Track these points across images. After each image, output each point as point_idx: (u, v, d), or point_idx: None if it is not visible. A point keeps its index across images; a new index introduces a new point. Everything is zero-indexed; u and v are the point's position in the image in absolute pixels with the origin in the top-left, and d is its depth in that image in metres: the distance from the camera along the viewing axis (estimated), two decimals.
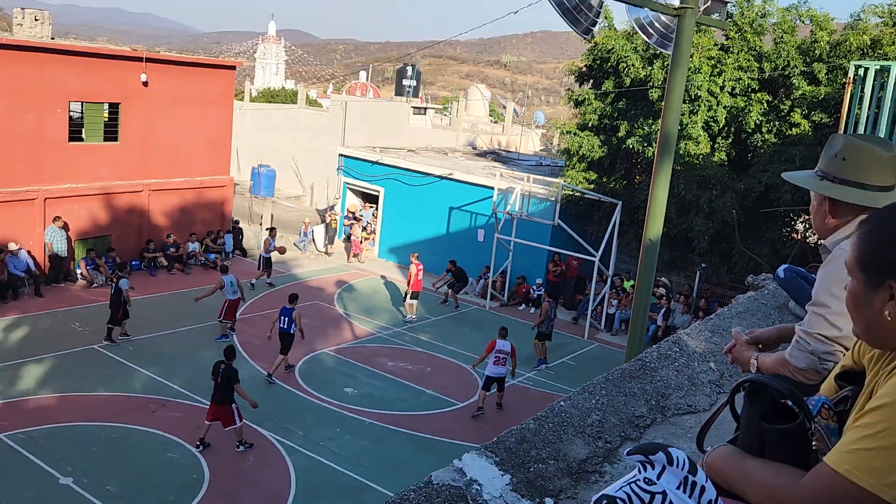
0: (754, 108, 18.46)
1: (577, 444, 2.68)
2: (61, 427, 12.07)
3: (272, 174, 26.19)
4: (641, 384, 3.15)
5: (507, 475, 2.44)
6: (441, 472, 2.43)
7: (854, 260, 1.44)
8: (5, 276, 17.85)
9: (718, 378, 3.29)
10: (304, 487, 11.19)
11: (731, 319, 3.95)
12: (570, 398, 2.96)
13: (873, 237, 1.41)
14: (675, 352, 3.46)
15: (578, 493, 2.45)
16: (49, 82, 19.15)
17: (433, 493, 2.33)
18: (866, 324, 1.44)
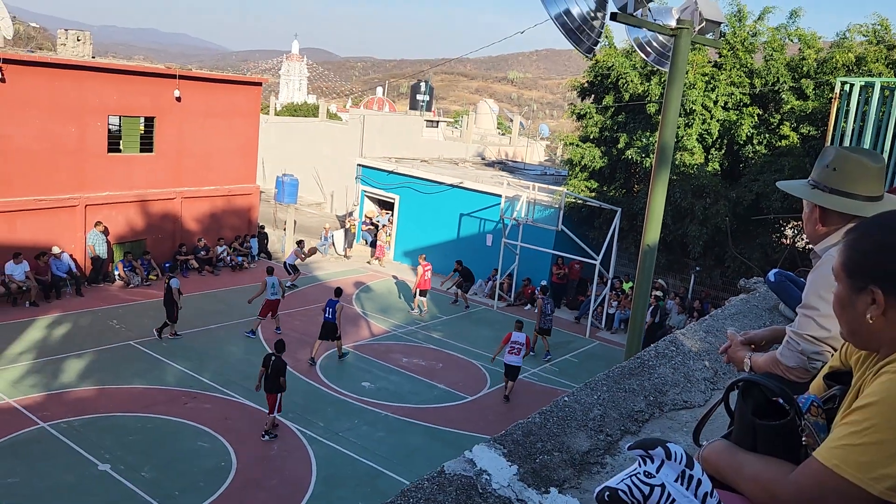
0: (746, 122, 18.37)
1: (580, 437, 2.67)
2: (100, 417, 12.14)
3: (295, 182, 26.28)
4: (640, 381, 3.14)
5: (515, 466, 2.43)
6: (453, 462, 2.43)
7: (840, 266, 1.44)
8: (49, 277, 17.99)
9: (713, 375, 3.27)
10: (324, 475, 11.19)
11: (724, 320, 3.92)
12: (573, 394, 2.95)
13: (858, 245, 1.40)
14: (672, 351, 3.44)
15: (581, 483, 2.44)
16: (90, 98, 19.30)
17: (445, 482, 2.33)
18: (851, 326, 1.43)
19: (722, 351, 2.45)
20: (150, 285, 19.98)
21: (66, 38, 22.34)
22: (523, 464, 2.45)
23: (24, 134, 18.07)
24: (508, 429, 2.67)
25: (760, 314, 4.10)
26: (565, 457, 2.54)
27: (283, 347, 12.41)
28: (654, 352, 3.41)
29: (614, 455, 2.62)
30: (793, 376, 2.04)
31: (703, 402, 3.07)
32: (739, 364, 2.34)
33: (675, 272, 21.06)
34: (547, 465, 2.48)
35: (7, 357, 14.33)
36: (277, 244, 25.81)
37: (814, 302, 1.99)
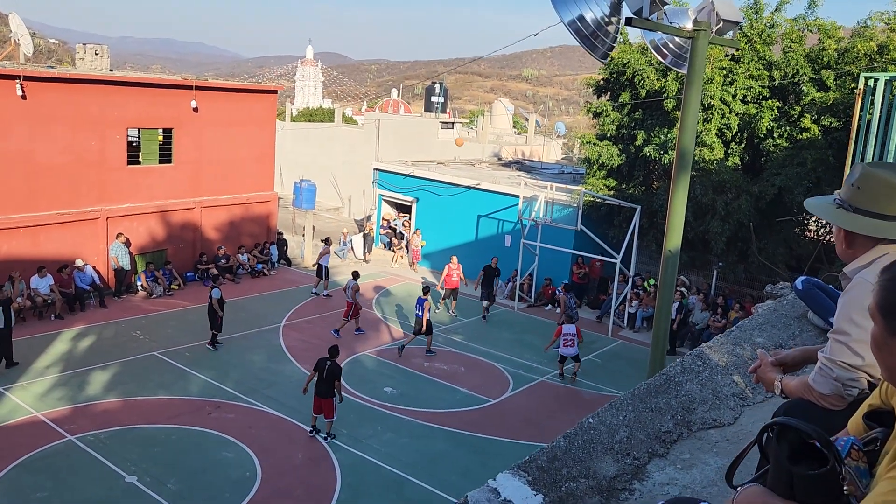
0: (765, 115, 18.12)
1: (606, 462, 2.61)
2: (126, 429, 12.24)
3: (313, 188, 26.38)
4: (667, 398, 3.06)
5: (540, 494, 2.38)
6: (476, 492, 2.38)
7: (875, 306, 1.36)
8: (73, 290, 18.19)
9: (742, 391, 3.19)
10: (349, 482, 11.18)
11: (751, 331, 3.83)
12: (597, 415, 2.89)
13: (893, 285, 1.33)
14: (699, 365, 3.36)
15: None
16: (109, 111, 19.50)
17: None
18: (890, 368, 1.36)
19: (752, 370, 2.37)
20: (172, 295, 20.14)
21: (85, 52, 22.60)
22: (549, 492, 2.40)
23: (47, 149, 18.30)
24: (532, 454, 2.61)
25: (789, 323, 4.00)
26: (592, 483, 2.48)
27: (337, 352, 12.55)
28: (681, 367, 3.33)
29: (643, 480, 2.55)
30: (827, 404, 1.97)
31: (732, 419, 3.00)
32: (769, 386, 2.27)
33: (697, 269, 20.82)
34: (573, 492, 2.42)
35: (34, 370, 14.51)
36: (297, 250, 25.91)
37: (846, 327, 1.92)
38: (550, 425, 13.62)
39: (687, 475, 2.61)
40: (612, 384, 16.05)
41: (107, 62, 22.95)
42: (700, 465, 2.68)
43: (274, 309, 19.52)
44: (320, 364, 12.32)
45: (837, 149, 16.89)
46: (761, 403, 3.15)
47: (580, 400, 15.18)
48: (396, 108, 58.98)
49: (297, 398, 13.98)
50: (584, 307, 21.92)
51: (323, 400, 12.27)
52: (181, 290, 20.66)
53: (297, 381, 14.86)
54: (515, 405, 14.62)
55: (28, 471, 10.78)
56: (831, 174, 16.79)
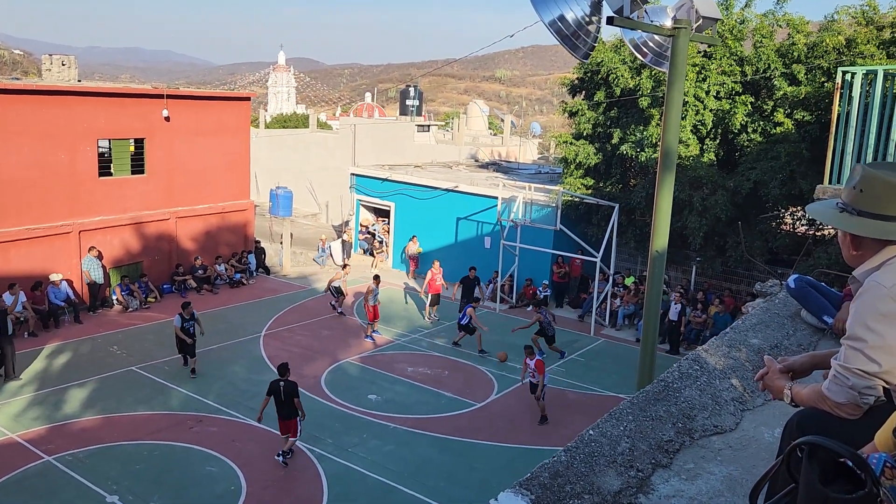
0: (739, 110, 18.26)
1: (609, 476, 2.52)
2: (106, 447, 11.97)
3: (289, 195, 26.10)
4: (666, 406, 2.99)
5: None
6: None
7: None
8: (47, 306, 17.80)
9: (741, 395, 3.12)
10: (335, 492, 11.04)
11: (746, 332, 3.78)
12: (597, 426, 2.80)
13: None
14: (696, 370, 3.29)
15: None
16: (78, 122, 19.12)
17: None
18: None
19: (758, 378, 2.30)
20: (148, 308, 19.80)
21: (51, 63, 22.18)
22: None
23: (14, 163, 17.89)
24: (534, 471, 2.52)
25: (783, 323, 3.96)
26: (596, 499, 2.39)
27: (287, 370, 11.83)
28: (678, 372, 3.26)
29: (647, 493, 2.47)
30: (843, 413, 1.90)
31: (734, 425, 2.93)
32: (777, 394, 2.20)
33: (676, 264, 20.92)
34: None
35: (8, 390, 14.15)
36: (275, 258, 25.64)
37: (861, 333, 1.85)
38: (536, 427, 13.57)
39: (692, 486, 2.54)
40: (596, 383, 16.05)
41: (75, 73, 22.54)
42: (705, 475, 2.60)
43: (254, 318, 19.27)
44: (274, 386, 11.53)
45: (811, 142, 17.07)
46: (761, 407, 3.09)
47: (565, 400, 15.14)
48: (371, 112, 58.77)
49: None
50: (565, 306, 21.94)
51: (288, 422, 11.61)
52: (158, 303, 20.32)
53: None
54: (501, 408, 14.55)
55: (5, 494, 10.48)
56: (805, 167, 16.96)
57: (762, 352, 3.56)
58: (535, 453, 12.65)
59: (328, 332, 18.61)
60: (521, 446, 12.87)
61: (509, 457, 12.58)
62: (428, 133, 37.22)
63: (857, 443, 1.61)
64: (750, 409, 3.06)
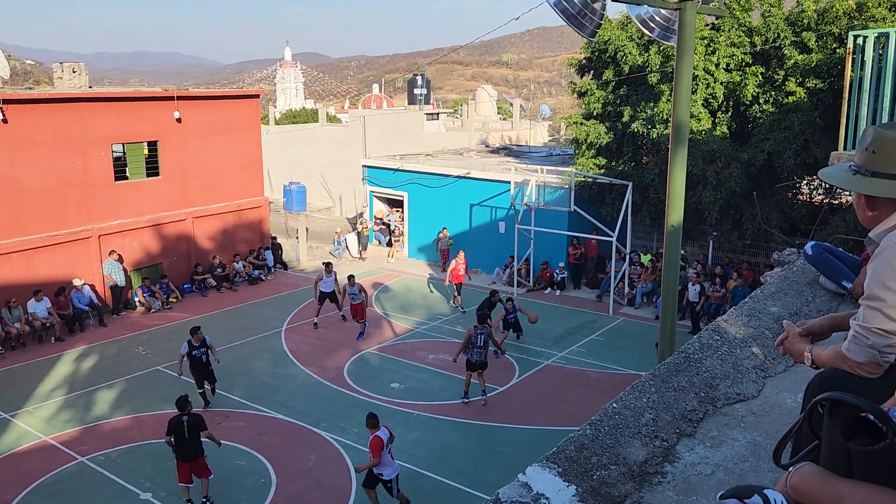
0: (750, 82, 18.06)
1: (635, 446, 2.56)
2: (136, 446, 12.18)
3: (303, 190, 26.22)
4: (688, 377, 3.01)
5: (573, 486, 2.32)
6: (507, 488, 2.32)
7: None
8: (71, 311, 18.06)
9: (762, 363, 3.14)
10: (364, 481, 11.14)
11: (765, 301, 3.78)
12: (621, 399, 2.83)
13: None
14: (717, 340, 3.31)
15: (643, 496, 2.32)
16: (92, 128, 19.31)
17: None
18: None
19: (778, 343, 2.32)
20: (170, 308, 20.03)
21: (62, 71, 22.35)
22: (581, 482, 2.34)
23: (32, 172, 18.11)
24: (560, 445, 2.56)
25: (801, 290, 3.95)
26: (623, 469, 2.43)
27: (185, 403, 10.20)
28: (699, 343, 3.28)
29: (673, 462, 2.50)
30: (863, 372, 1.91)
31: (756, 392, 2.95)
32: (798, 357, 2.22)
33: (692, 240, 20.80)
34: (605, 480, 2.36)
35: (39, 394, 14.41)
36: (292, 253, 25.79)
37: (879, 292, 1.86)
38: (559, 408, 13.62)
39: (717, 453, 2.56)
40: (616, 362, 16.05)
41: (85, 79, 22.71)
42: (729, 442, 2.63)
43: (274, 314, 19.44)
44: (175, 425, 9.89)
45: (824, 110, 16.86)
46: (783, 374, 3.11)
47: (587, 379, 15.18)
48: (379, 103, 58.74)
49: (305, 402, 13.96)
50: (583, 287, 21.92)
51: (192, 463, 10.09)
52: (179, 303, 20.55)
53: (303, 385, 14.84)
54: (523, 390, 14.61)
55: (42, 496, 10.71)
56: (819, 135, 16.77)
57: (782, 319, 3.57)
58: (559, 434, 12.70)
59: (348, 324, 18.71)
60: (544, 428, 12.92)
61: (533, 438, 12.64)
62: (437, 121, 37.16)
63: (878, 400, 1.62)
64: (771, 375, 3.07)
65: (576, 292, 21.64)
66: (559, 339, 17.47)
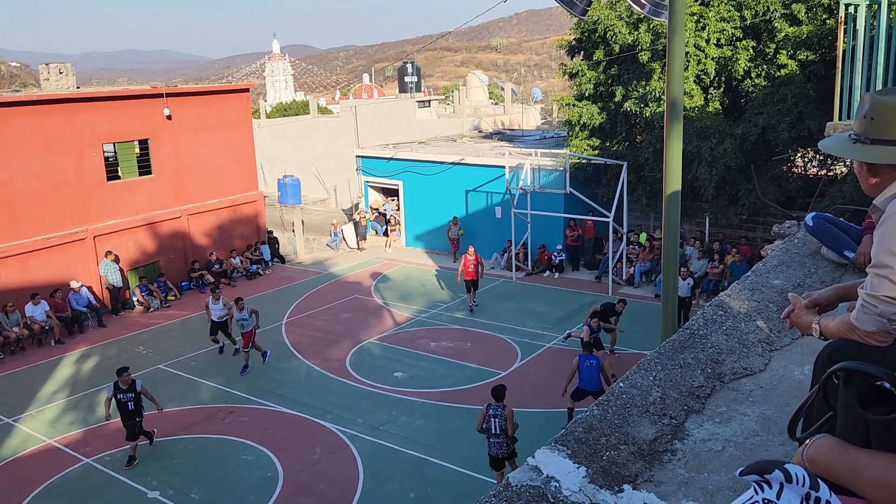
0: (741, 56, 17.99)
1: (643, 425, 2.54)
2: (141, 445, 12.14)
3: (297, 183, 26.10)
4: (694, 353, 2.99)
5: (583, 467, 2.31)
6: (518, 472, 2.31)
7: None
8: (69, 313, 18.01)
9: (768, 336, 3.12)
10: (371, 471, 11.18)
11: (767, 274, 3.76)
12: (627, 378, 2.82)
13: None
14: (721, 315, 3.29)
15: (654, 475, 2.31)
16: (81, 129, 19.18)
17: (513, 496, 2.20)
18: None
19: (784, 316, 2.29)
20: (169, 306, 19.99)
21: (49, 72, 22.18)
22: (591, 463, 2.33)
23: (23, 175, 18.01)
24: (569, 426, 2.54)
25: (804, 261, 3.93)
26: (633, 449, 2.41)
27: None
28: (703, 319, 3.26)
29: (683, 439, 2.48)
30: (873, 341, 1.89)
31: (762, 366, 2.93)
32: (806, 329, 2.19)
33: (688, 217, 20.77)
34: (615, 460, 2.35)
35: (42, 398, 14.39)
36: (288, 246, 25.74)
37: (886, 259, 1.84)
38: (556, 388, 13.60)
39: (727, 428, 2.55)
40: (619, 342, 16.05)
41: (73, 80, 22.55)
42: (738, 417, 2.62)
43: (274, 308, 19.40)
44: None
45: (816, 81, 16.81)
46: (789, 346, 3.09)
47: (611, 386, 15.16)
48: (370, 92, 58.46)
49: (308, 394, 13.98)
50: (581, 269, 21.92)
51: None
52: (178, 301, 20.51)
53: (306, 377, 14.85)
54: (525, 374, 14.63)
55: (49, 498, 10.72)
56: (813, 107, 16.73)
57: (785, 292, 3.55)
58: (561, 416, 12.73)
59: (348, 315, 18.72)
60: (549, 410, 12.95)
61: (538, 422, 12.65)
62: (429, 108, 36.98)
63: (890, 369, 1.60)
64: (777, 349, 3.05)
65: (574, 274, 21.64)
66: (560, 321, 17.48)
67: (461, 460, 11.33)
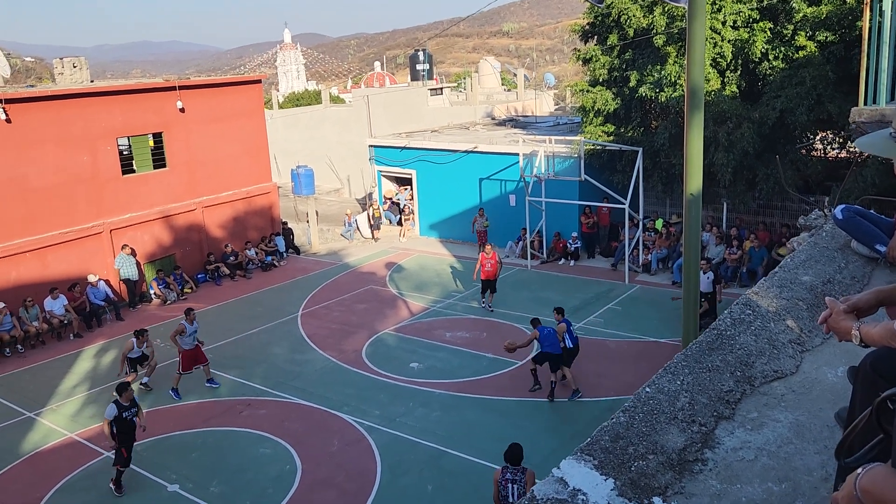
0: (758, 38, 17.64)
1: (672, 433, 2.45)
2: (161, 438, 12.23)
3: (310, 173, 26.15)
4: (722, 355, 2.89)
5: (610, 479, 2.22)
6: (542, 484, 2.23)
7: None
8: (87, 307, 18.12)
9: (798, 336, 3.01)
10: (388, 462, 11.18)
11: (796, 270, 3.64)
12: (653, 383, 2.72)
13: None
14: (749, 315, 3.18)
15: (685, 486, 2.22)
16: (96, 123, 19.22)
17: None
18: None
19: (822, 321, 2.19)
20: (185, 299, 20.06)
21: (63, 66, 22.24)
22: (619, 475, 2.24)
23: (39, 170, 18.08)
24: (594, 435, 2.45)
25: (833, 256, 3.81)
26: (661, 459, 2.32)
27: None
28: (730, 319, 3.15)
29: (714, 448, 2.39)
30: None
31: (794, 368, 2.82)
32: (844, 335, 2.09)
33: (705, 203, 20.45)
34: (644, 471, 2.26)
35: (62, 392, 14.51)
36: (303, 237, 25.75)
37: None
38: (579, 380, 13.55)
39: (759, 436, 2.45)
40: (635, 330, 15.95)
41: (86, 74, 22.60)
42: (770, 424, 2.52)
43: (289, 299, 19.44)
44: None
45: (836, 63, 16.47)
46: (821, 347, 2.98)
47: (605, 349, 15.10)
48: (382, 80, 58.24)
49: (325, 386, 13.98)
50: (597, 256, 21.76)
51: None
52: (194, 293, 20.60)
53: (322, 369, 14.86)
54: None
55: (72, 492, 10.81)
56: (832, 90, 16.40)
57: (815, 289, 3.43)
58: (579, 407, 12.67)
59: (364, 305, 18.70)
60: (565, 401, 12.87)
61: (554, 412, 12.61)
62: (441, 96, 36.74)
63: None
64: (809, 349, 2.95)
65: (590, 262, 21.49)
66: (576, 310, 17.34)
67: (478, 452, 11.30)
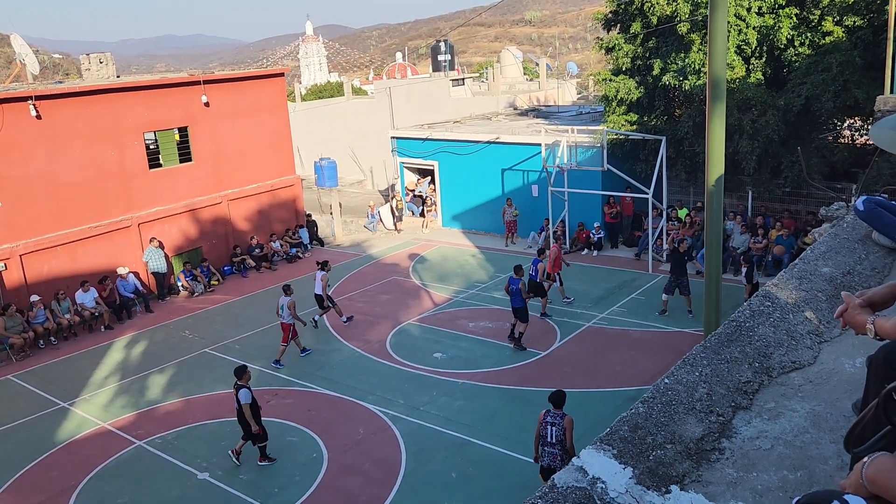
0: (784, 24, 17.41)
1: (690, 423, 2.51)
2: (191, 427, 12.50)
3: (333, 165, 26.28)
4: (741, 347, 2.94)
5: (629, 468, 2.29)
6: (563, 473, 2.30)
7: None
8: (117, 299, 18.49)
9: (816, 328, 3.04)
10: (413, 451, 11.31)
11: (815, 262, 3.66)
12: (672, 374, 2.78)
13: None
14: (768, 306, 3.22)
15: (702, 475, 2.28)
16: (123, 118, 19.53)
17: (559, 497, 2.20)
18: None
19: (838, 315, 2.23)
20: (213, 291, 20.37)
21: (90, 62, 22.59)
22: (637, 464, 2.31)
23: (69, 166, 18.44)
24: (614, 425, 2.52)
25: (853, 247, 3.82)
26: (679, 448, 2.39)
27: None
28: (749, 311, 3.19)
29: (731, 437, 2.45)
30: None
31: (812, 359, 2.86)
32: (860, 329, 2.13)
33: (729, 191, 20.30)
34: (662, 460, 2.33)
35: (94, 382, 14.85)
36: (327, 229, 25.96)
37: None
38: (603, 369, 13.59)
39: (776, 426, 2.50)
40: (659, 320, 15.90)
41: (112, 69, 22.93)
42: (788, 413, 2.57)
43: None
44: None
45: (863, 48, 16.21)
46: (839, 338, 3.01)
47: (629, 339, 15.08)
48: (403, 71, 58.24)
49: (350, 376, 14.16)
50: (620, 246, 21.68)
51: None
52: (221, 285, 20.90)
53: (347, 359, 15.03)
54: (566, 353, 14.59)
55: (105, 479, 11.10)
56: (859, 76, 16.15)
57: (834, 280, 3.45)
58: (602, 396, 12.70)
59: (387, 296, 18.85)
60: (588, 390, 12.91)
61: (577, 402, 12.61)
62: (463, 86, 36.72)
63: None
64: (827, 340, 2.98)
65: (613, 252, 21.43)
66: (599, 299, 17.35)
67: (502, 440, 11.39)
